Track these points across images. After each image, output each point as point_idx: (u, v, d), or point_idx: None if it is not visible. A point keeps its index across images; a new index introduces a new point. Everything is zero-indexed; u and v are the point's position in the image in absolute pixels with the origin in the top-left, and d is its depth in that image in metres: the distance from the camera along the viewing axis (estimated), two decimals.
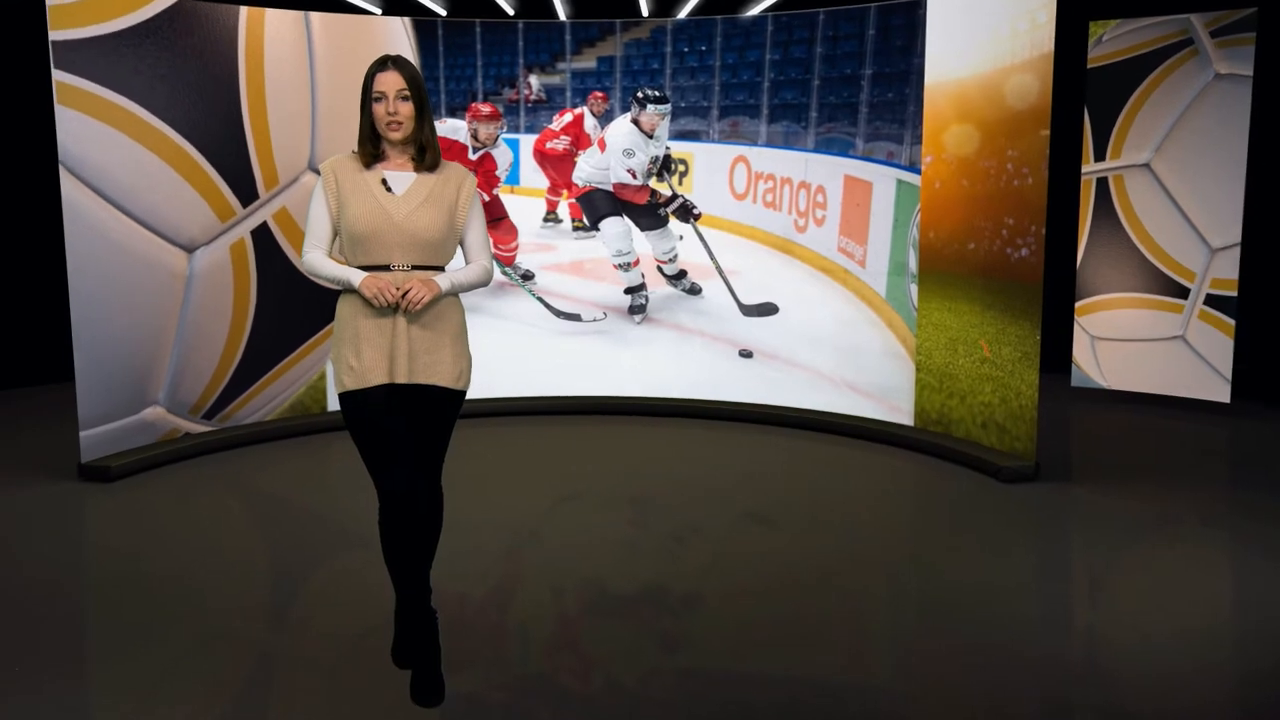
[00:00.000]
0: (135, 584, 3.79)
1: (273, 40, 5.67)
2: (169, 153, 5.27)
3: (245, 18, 5.56)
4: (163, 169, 5.26)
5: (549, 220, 6.92)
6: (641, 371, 6.60)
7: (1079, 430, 6.39)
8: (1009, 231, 5.20)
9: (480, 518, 4.44)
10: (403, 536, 2.83)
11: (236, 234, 5.60)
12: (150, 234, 5.22)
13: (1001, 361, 5.26)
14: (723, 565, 4.01)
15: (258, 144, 5.60)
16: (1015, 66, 5.12)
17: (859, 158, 5.99)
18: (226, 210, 5.53)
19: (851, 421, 6.01)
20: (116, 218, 5.07)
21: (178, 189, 5.32)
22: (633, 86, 6.46)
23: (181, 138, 5.31)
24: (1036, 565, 4.16)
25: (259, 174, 5.64)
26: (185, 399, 5.54)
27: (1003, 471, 5.08)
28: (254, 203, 5.63)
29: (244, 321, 5.73)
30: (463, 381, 2.91)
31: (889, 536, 4.44)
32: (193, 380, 5.56)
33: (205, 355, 5.60)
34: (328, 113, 5.90)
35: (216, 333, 5.62)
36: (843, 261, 6.14)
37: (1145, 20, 6.58)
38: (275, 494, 5.15)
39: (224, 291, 5.62)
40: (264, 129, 5.64)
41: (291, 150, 5.80)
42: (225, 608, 3.59)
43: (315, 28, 5.86)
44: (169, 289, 5.35)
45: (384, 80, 2.80)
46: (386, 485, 2.80)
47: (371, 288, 2.74)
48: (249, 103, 5.58)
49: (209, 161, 5.43)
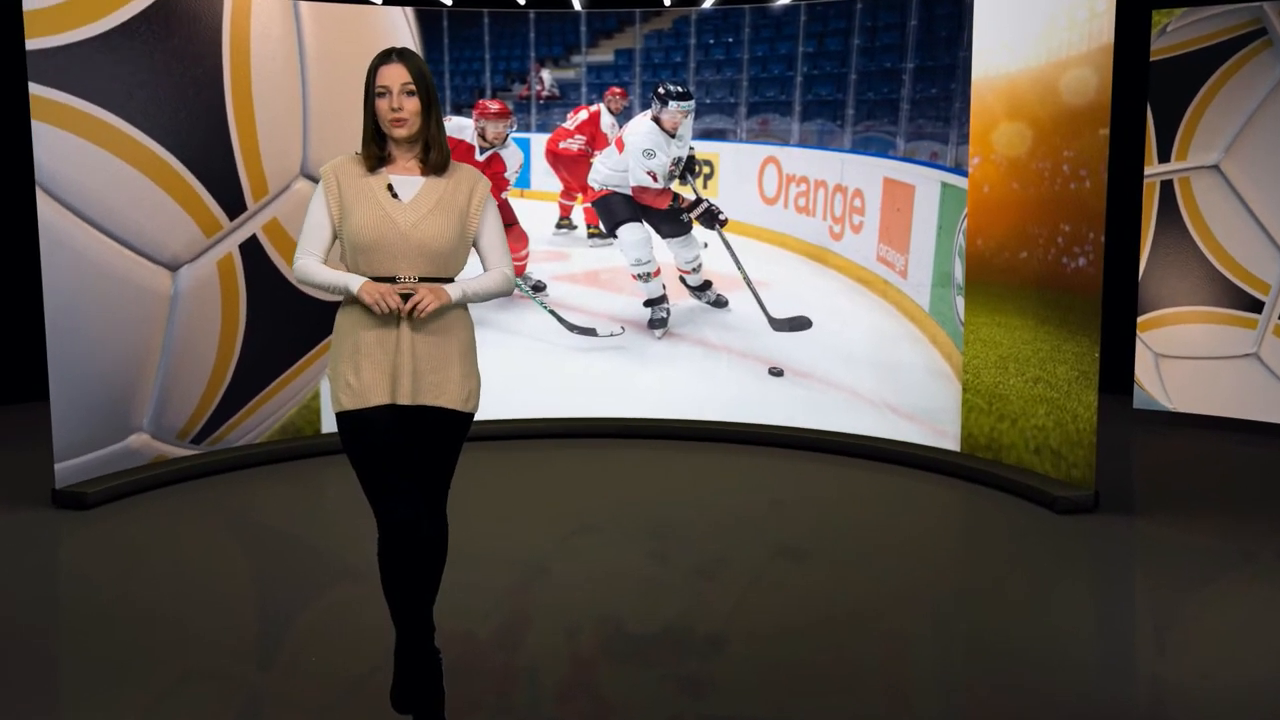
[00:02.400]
0: (113, 619, 3.80)
1: (260, 36, 5.70)
2: (149, 165, 5.29)
3: (230, 12, 5.59)
4: (143, 183, 5.27)
5: (562, 227, 6.94)
6: (662, 391, 6.60)
7: (1142, 457, 6.34)
8: (1065, 239, 5.19)
9: (487, 550, 4.44)
10: (404, 570, 2.83)
11: (223, 249, 5.63)
12: (131, 253, 5.24)
13: (1057, 381, 5.24)
14: (751, 603, 3.99)
15: (244, 151, 5.64)
16: (1071, 59, 5.11)
17: (900, 159, 5.99)
18: (212, 224, 5.57)
19: (892, 446, 5.98)
20: (94, 237, 5.09)
21: (159, 203, 5.34)
22: (653, 81, 6.49)
23: (162, 148, 5.33)
24: (1096, 606, 4.12)
25: (246, 183, 5.67)
26: (172, 424, 5.58)
27: (1058, 502, 5.06)
28: (242, 214, 5.66)
29: (233, 340, 5.76)
30: (471, 403, 2.92)
31: (933, 572, 4.42)
32: (179, 404, 5.59)
33: (193, 377, 5.62)
34: (321, 113, 5.94)
35: (204, 353, 5.65)
36: (882, 272, 6.13)
37: (1214, 9, 6.56)
38: (265, 523, 5.16)
39: (211, 309, 5.65)
40: (251, 134, 5.67)
41: (282, 156, 5.83)
42: (210, 645, 3.59)
43: (306, 20, 5.89)
44: (152, 310, 5.39)
45: (387, 74, 2.82)
46: (387, 514, 2.81)
47: (372, 293, 2.75)
48: (234, 106, 5.61)
49: (192, 172, 5.45)
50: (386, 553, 2.84)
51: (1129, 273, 7.09)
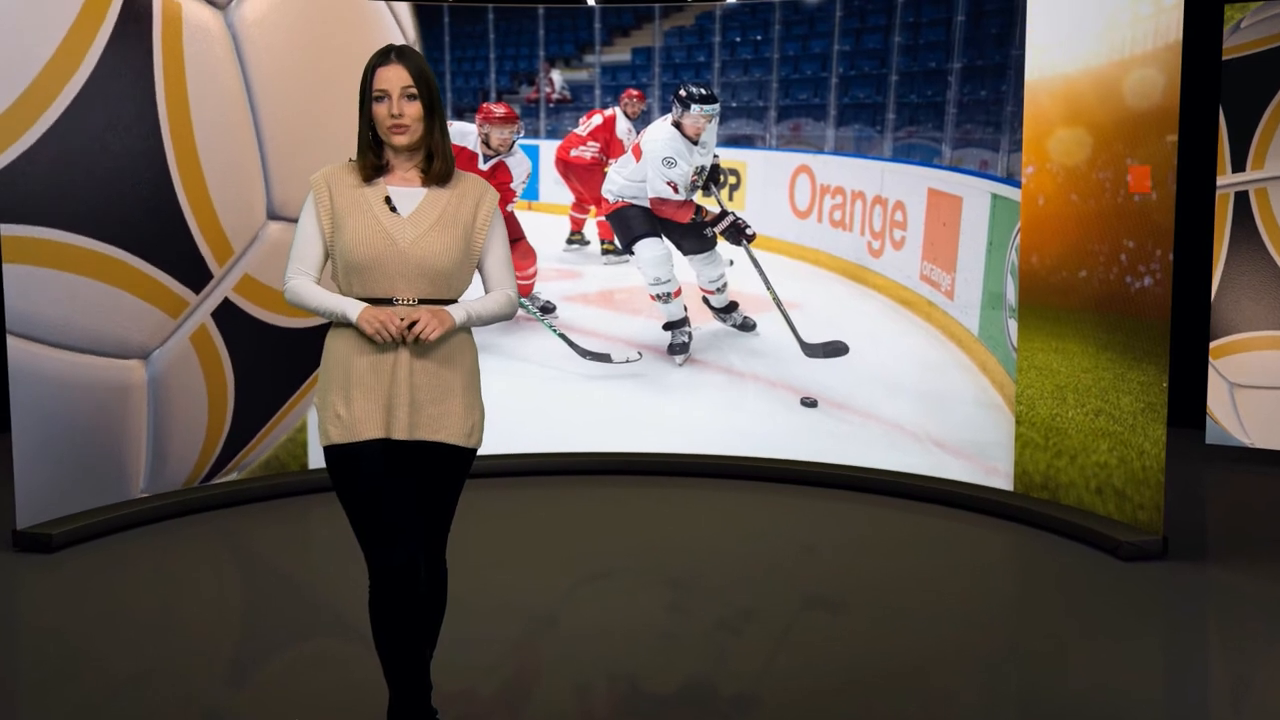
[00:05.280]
0: (77, 673, 3.80)
1: (197, 78, 5.57)
2: (99, 269, 5.30)
3: (163, 73, 5.42)
4: (95, 288, 5.29)
5: (573, 242, 6.96)
6: (684, 423, 6.60)
7: (1216, 498, 6.30)
8: (1129, 256, 5.18)
9: (490, 600, 4.44)
10: (398, 621, 2.83)
11: (194, 323, 5.70)
12: (94, 358, 5.33)
13: (1120, 413, 5.22)
14: (781, 662, 3.98)
15: (199, 219, 5.62)
16: (1135, 58, 5.12)
17: (946, 168, 5.99)
18: (177, 304, 5.61)
19: (937, 486, 5.97)
20: (53, 355, 5.17)
21: (116, 302, 5.37)
22: (674, 83, 6.52)
23: (110, 247, 5.32)
24: (1165, 662, 4.09)
25: (208, 252, 5.67)
26: (173, 480, 5.73)
27: (1123, 547, 5.03)
28: (208, 284, 5.70)
29: (224, 402, 5.88)
30: (475, 438, 2.93)
31: (983, 627, 4.40)
32: (176, 466, 5.76)
33: (186, 443, 5.78)
34: (278, 142, 5.86)
35: (194, 420, 5.79)
36: (926, 292, 6.13)
37: None
38: (246, 568, 5.16)
39: (194, 382, 5.76)
40: (203, 198, 5.63)
41: (242, 208, 5.79)
42: (184, 704, 3.59)
43: (248, 44, 5.73)
44: (127, 402, 5.50)
45: (386, 75, 2.83)
46: (380, 559, 2.81)
47: (373, 322, 2.76)
48: (180, 171, 5.53)
49: (147, 261, 5.46)
50: (379, 602, 2.84)
51: (1200, 294, 7.07)
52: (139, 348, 5.50)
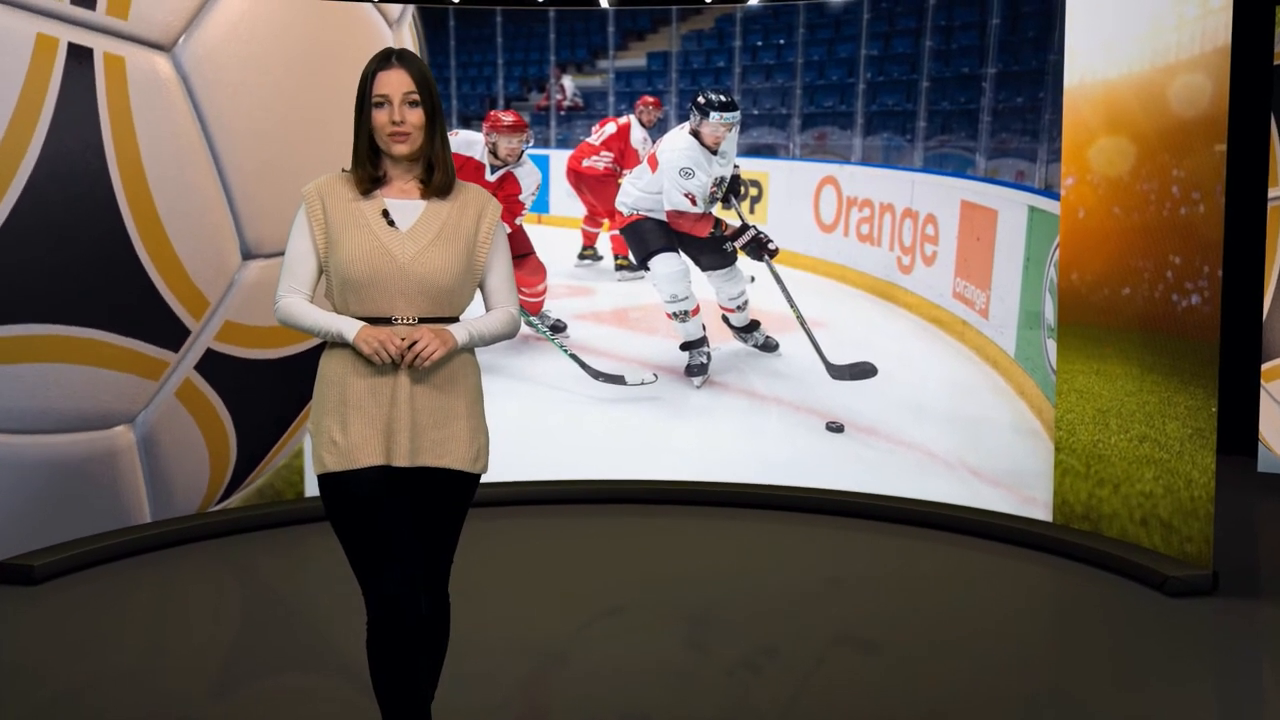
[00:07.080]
0: (57, 713, 3.80)
1: (148, 132, 5.45)
2: (71, 352, 5.32)
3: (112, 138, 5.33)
4: (71, 371, 5.33)
5: (586, 257, 6.98)
6: (702, 449, 6.59)
7: (1268, 529, 6.27)
8: (1175, 273, 5.17)
9: (496, 636, 4.43)
10: (398, 658, 2.83)
11: (177, 380, 5.72)
12: (76, 435, 5.39)
13: (1167, 440, 5.20)
14: (806, 703, 3.97)
15: (167, 277, 5.58)
16: (1182, 64, 5.11)
17: (980, 179, 5.99)
18: (156, 368, 5.63)
19: (971, 516, 5.95)
20: (34, 441, 5.24)
21: (93, 379, 5.41)
22: (692, 90, 6.54)
23: (79, 328, 5.34)
24: (1215, 704, 4.07)
25: (180, 309, 5.65)
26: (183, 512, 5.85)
27: (1169, 582, 5.01)
28: (186, 341, 5.70)
29: (225, 445, 5.94)
30: (480, 463, 2.93)
31: (1021, 666, 4.38)
32: (184, 506, 5.86)
33: (190, 488, 5.85)
34: (244, 176, 5.77)
35: (194, 467, 5.85)
36: (959, 311, 6.12)
37: None
38: (236, 601, 5.17)
39: (188, 433, 5.81)
40: (168, 255, 5.58)
41: (212, 256, 5.71)
42: None
43: (197, 84, 5.58)
44: (117, 466, 5.56)
45: (387, 80, 2.84)
46: (379, 593, 2.81)
47: (371, 342, 2.76)
48: (141, 235, 5.46)
49: (117, 334, 5.47)
50: (377, 638, 2.84)
51: (1251, 312, 7.04)
52: (123, 415, 5.56)
